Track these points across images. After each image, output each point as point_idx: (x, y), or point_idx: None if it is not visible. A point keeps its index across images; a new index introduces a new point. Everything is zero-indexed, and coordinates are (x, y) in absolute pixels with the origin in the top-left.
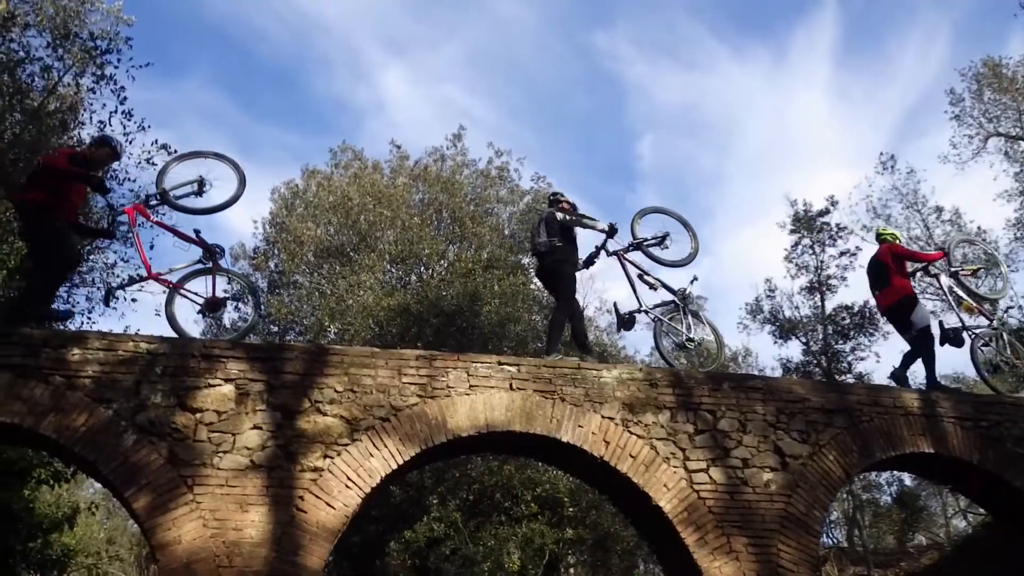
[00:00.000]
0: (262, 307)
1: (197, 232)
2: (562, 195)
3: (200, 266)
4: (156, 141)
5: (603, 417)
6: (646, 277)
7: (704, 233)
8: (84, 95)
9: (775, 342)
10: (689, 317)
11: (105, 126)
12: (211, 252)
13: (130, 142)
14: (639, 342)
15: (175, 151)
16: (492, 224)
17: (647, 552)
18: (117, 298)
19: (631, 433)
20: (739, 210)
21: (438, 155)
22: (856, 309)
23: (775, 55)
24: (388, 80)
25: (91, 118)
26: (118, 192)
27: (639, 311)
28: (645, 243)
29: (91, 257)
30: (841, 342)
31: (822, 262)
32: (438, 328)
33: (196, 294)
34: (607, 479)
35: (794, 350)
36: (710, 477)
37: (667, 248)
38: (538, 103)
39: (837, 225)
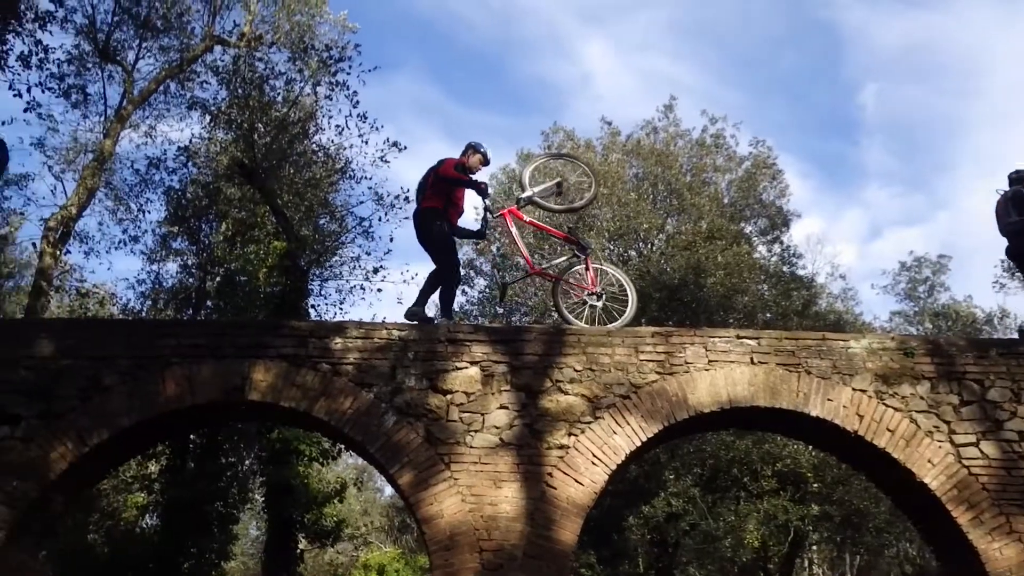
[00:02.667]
0: (635, 297)
1: (570, 229)
2: None
3: (576, 261)
4: (388, 140)
5: (854, 390)
6: None
7: (942, 186)
8: (321, 103)
9: None
10: None
11: (343, 129)
12: (584, 248)
13: (365, 142)
14: (876, 307)
15: (404, 147)
16: (710, 194)
17: (901, 530)
18: (508, 293)
19: (887, 406)
20: (983, 158)
21: (650, 128)
22: None
23: None
24: (590, 54)
25: (329, 123)
26: (358, 189)
27: None
28: None
29: (338, 252)
30: None
31: None
32: (662, 303)
33: (578, 286)
34: (861, 454)
35: None
36: (981, 452)
37: None
38: (747, 63)
39: None
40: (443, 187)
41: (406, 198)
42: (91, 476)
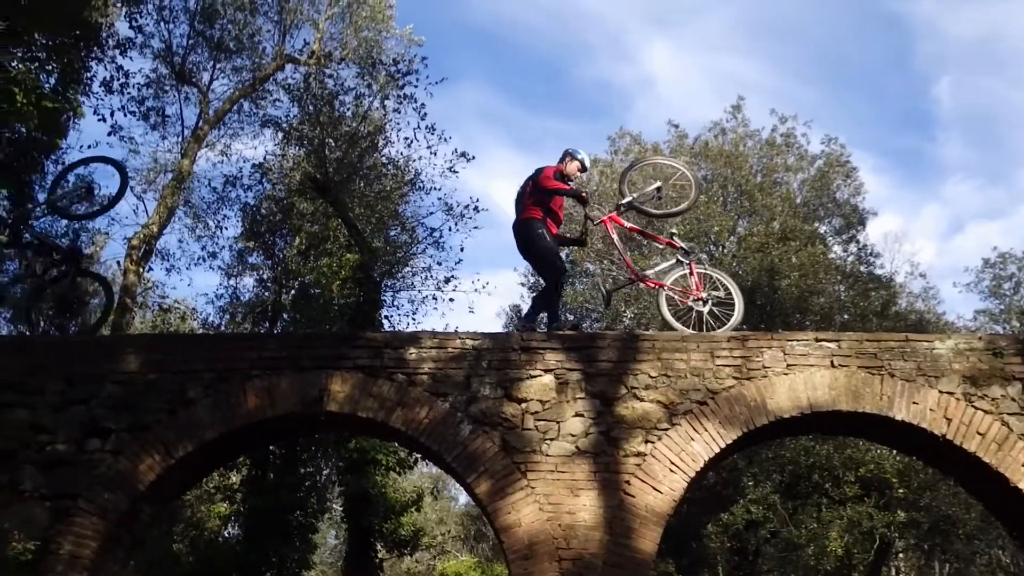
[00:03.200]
0: (742, 301)
1: (672, 235)
2: None
3: (679, 266)
4: (456, 150)
5: (941, 392)
6: None
7: (1022, 180)
8: (390, 116)
9: None
10: None
11: (412, 142)
12: (687, 252)
13: (433, 154)
14: (959, 306)
15: (472, 157)
16: (782, 194)
17: (994, 537)
18: (612, 301)
19: (976, 408)
20: None
21: (718, 129)
22: None
23: None
24: (654, 56)
25: (398, 136)
26: (428, 200)
27: None
28: None
29: (410, 263)
30: None
31: None
32: None
33: (683, 292)
34: (949, 459)
35: None
36: None
37: None
38: (817, 60)
39: None
40: (541, 197)
41: (475, 208)
42: (177, 487)
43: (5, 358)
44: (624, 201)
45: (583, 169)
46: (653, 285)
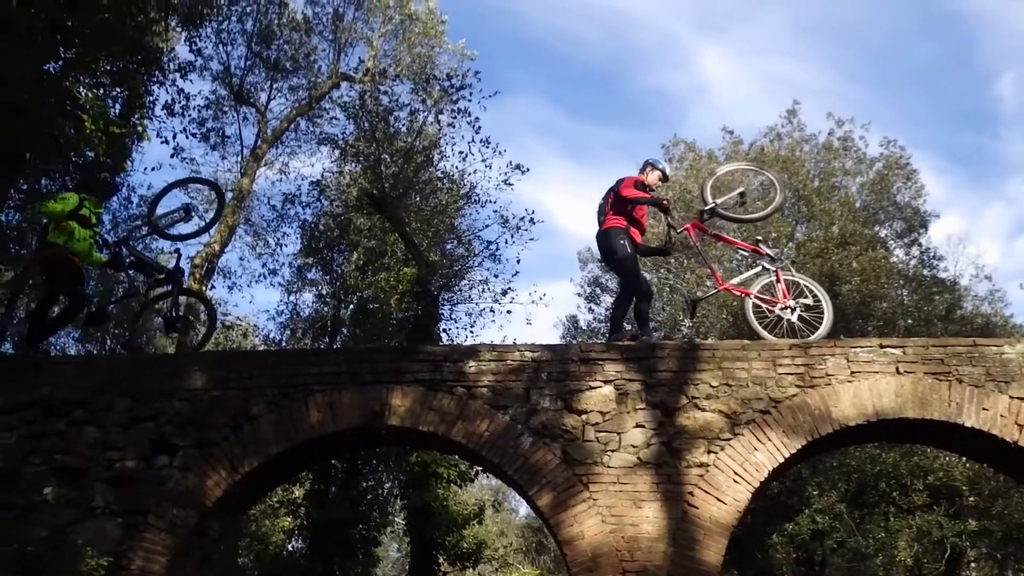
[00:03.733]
0: (831, 307)
1: (757, 242)
2: None
3: (765, 273)
4: (511, 163)
5: (1012, 397)
6: None
7: None
8: (444, 130)
9: None
10: None
11: (466, 156)
12: (774, 259)
13: (488, 167)
14: None
15: (527, 169)
16: (841, 198)
17: None
18: (698, 311)
19: None
20: None
21: (773, 134)
22: None
23: None
24: (707, 62)
25: (452, 150)
26: (483, 213)
27: None
28: None
29: (467, 276)
30: None
31: None
32: None
33: (770, 300)
34: (1022, 466)
35: None
36: None
37: None
38: (873, 60)
39: None
40: (622, 207)
41: (531, 219)
42: (243, 502)
43: (74, 377)
44: (707, 207)
45: (664, 179)
46: (739, 293)
